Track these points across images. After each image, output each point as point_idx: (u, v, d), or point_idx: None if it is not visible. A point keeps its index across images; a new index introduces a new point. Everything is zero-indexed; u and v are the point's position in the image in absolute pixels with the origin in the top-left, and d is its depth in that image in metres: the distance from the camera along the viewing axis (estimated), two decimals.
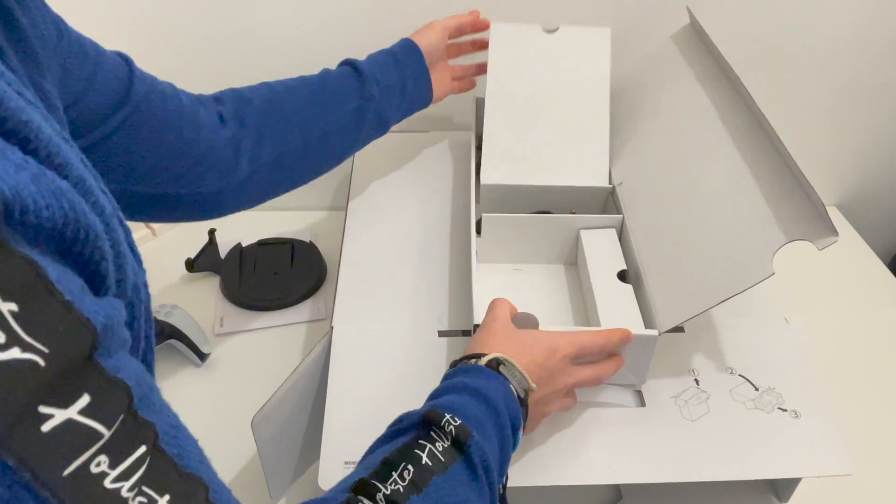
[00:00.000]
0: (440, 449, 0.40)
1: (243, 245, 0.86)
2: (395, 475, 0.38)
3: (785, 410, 0.56)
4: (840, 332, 0.79)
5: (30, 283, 0.21)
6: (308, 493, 0.60)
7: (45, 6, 0.42)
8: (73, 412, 0.22)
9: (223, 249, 0.84)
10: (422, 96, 0.73)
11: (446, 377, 0.49)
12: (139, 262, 0.31)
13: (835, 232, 0.48)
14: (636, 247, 0.64)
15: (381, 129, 0.71)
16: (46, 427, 0.21)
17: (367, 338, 0.61)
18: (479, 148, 0.79)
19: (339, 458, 0.53)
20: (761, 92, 0.60)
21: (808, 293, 0.83)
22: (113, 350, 0.24)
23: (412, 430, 0.42)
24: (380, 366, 0.59)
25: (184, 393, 0.71)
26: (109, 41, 0.54)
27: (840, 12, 0.81)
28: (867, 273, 0.88)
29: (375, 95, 0.68)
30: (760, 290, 0.51)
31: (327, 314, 0.79)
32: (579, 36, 0.75)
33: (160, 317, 0.73)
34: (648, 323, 0.58)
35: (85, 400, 0.22)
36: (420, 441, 0.40)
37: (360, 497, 0.36)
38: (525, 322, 0.55)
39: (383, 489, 0.37)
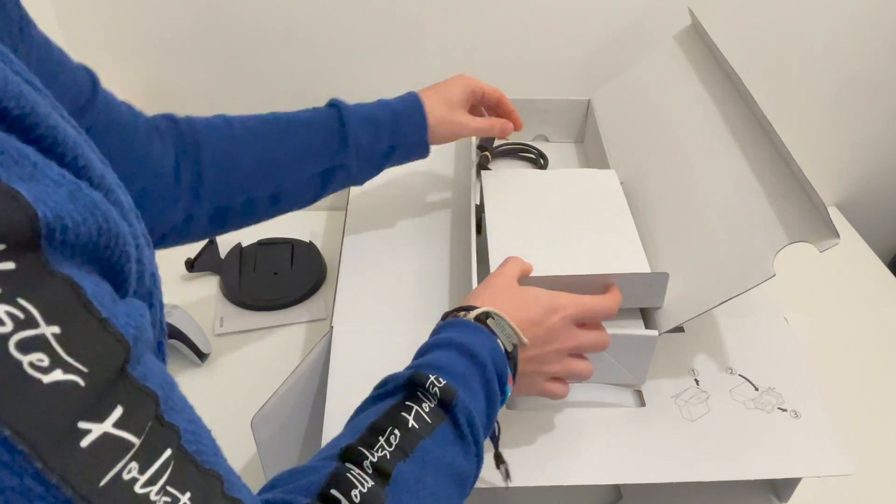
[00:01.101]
0: (426, 410, 0.40)
1: (243, 245, 0.86)
2: (381, 440, 0.38)
3: (785, 410, 0.56)
4: (840, 333, 0.79)
5: (71, 304, 0.22)
6: None
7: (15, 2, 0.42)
8: (108, 425, 0.22)
9: (223, 249, 0.84)
10: (412, 156, 0.67)
11: (435, 331, 0.48)
12: (151, 248, 0.32)
13: (836, 234, 0.48)
14: None
15: (346, 184, 0.66)
16: (85, 443, 0.21)
17: (367, 338, 0.61)
18: (479, 147, 0.79)
19: None
20: (762, 92, 0.60)
21: (809, 293, 0.83)
22: (141, 356, 0.25)
23: (398, 392, 0.42)
24: (380, 366, 0.59)
25: (184, 393, 0.71)
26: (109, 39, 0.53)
27: (840, 12, 0.81)
28: (867, 273, 0.88)
29: (351, 164, 0.62)
30: (760, 290, 0.51)
31: (327, 314, 0.79)
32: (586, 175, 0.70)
33: None
34: (649, 323, 0.58)
35: (118, 412, 0.22)
36: (407, 403, 0.41)
37: (348, 465, 0.36)
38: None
39: (370, 456, 0.37)
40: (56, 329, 0.21)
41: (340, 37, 0.81)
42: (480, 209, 0.68)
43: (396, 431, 0.39)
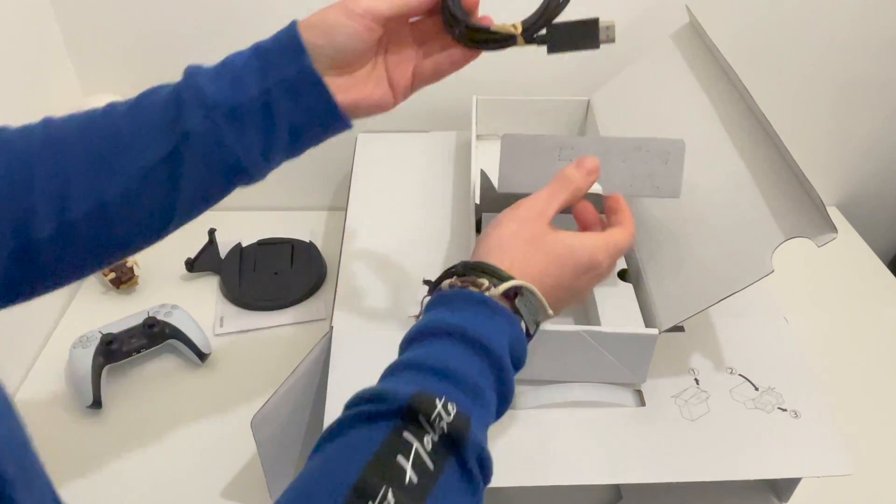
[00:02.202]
0: (429, 449, 0.33)
1: (243, 245, 0.86)
2: None
3: (785, 410, 0.56)
4: (840, 333, 0.79)
5: None
6: None
7: None
8: None
9: (223, 249, 0.84)
10: (317, 113, 0.46)
11: (443, 300, 0.40)
12: None
13: (834, 229, 0.48)
14: (636, 246, 0.64)
15: (242, 179, 0.46)
16: None
17: (367, 338, 0.61)
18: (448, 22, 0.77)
19: None
20: (761, 91, 0.60)
21: (808, 293, 0.83)
22: None
23: (395, 417, 0.34)
24: (380, 366, 0.59)
25: (184, 393, 0.71)
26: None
27: (840, 11, 0.81)
28: (867, 273, 0.88)
29: (199, 129, 0.43)
30: (761, 290, 0.51)
31: (327, 314, 0.79)
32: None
33: (160, 317, 0.73)
34: (648, 322, 0.58)
35: None
36: (405, 437, 0.33)
37: None
38: None
39: None
40: None
41: None
42: (480, 209, 0.68)
43: (391, 497, 0.31)
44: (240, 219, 0.93)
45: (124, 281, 0.80)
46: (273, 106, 0.44)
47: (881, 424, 0.69)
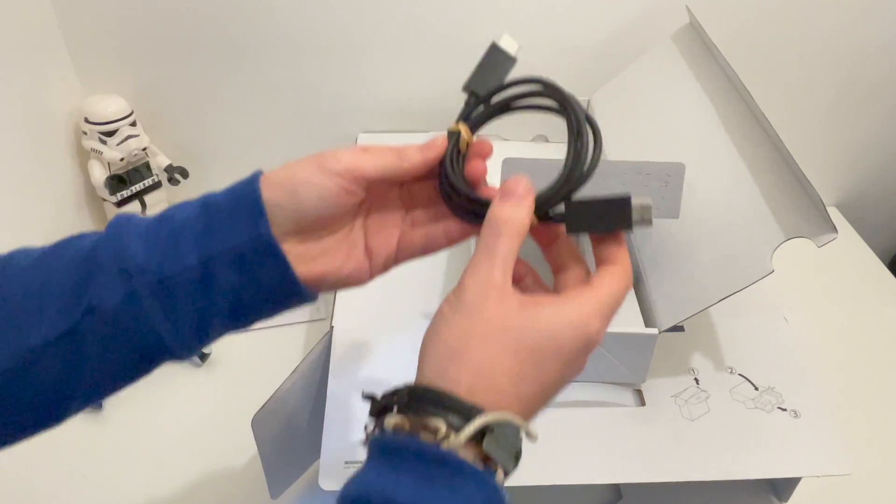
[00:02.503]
0: None
1: None
2: None
3: (785, 410, 0.56)
4: (840, 332, 0.79)
5: None
6: (308, 493, 0.60)
7: None
8: None
9: None
10: (270, 287, 0.37)
11: (383, 450, 0.31)
12: None
13: (834, 229, 0.48)
14: (636, 246, 0.64)
15: (167, 359, 0.37)
16: None
17: (367, 338, 0.61)
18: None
19: (339, 458, 0.53)
20: (761, 91, 0.60)
21: (808, 293, 0.83)
22: None
23: None
24: (380, 366, 0.59)
25: (184, 393, 0.71)
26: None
27: (840, 12, 0.81)
28: (867, 273, 0.88)
29: (110, 303, 0.34)
30: (760, 289, 0.51)
31: (327, 314, 0.79)
32: None
33: None
34: (648, 322, 0.58)
35: None
36: None
37: None
38: None
39: None
40: None
41: (339, 36, 0.81)
42: None
43: None
44: None
45: None
46: (214, 278, 0.35)
47: (881, 424, 0.69)
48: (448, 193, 0.40)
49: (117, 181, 0.81)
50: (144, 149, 0.83)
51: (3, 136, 0.70)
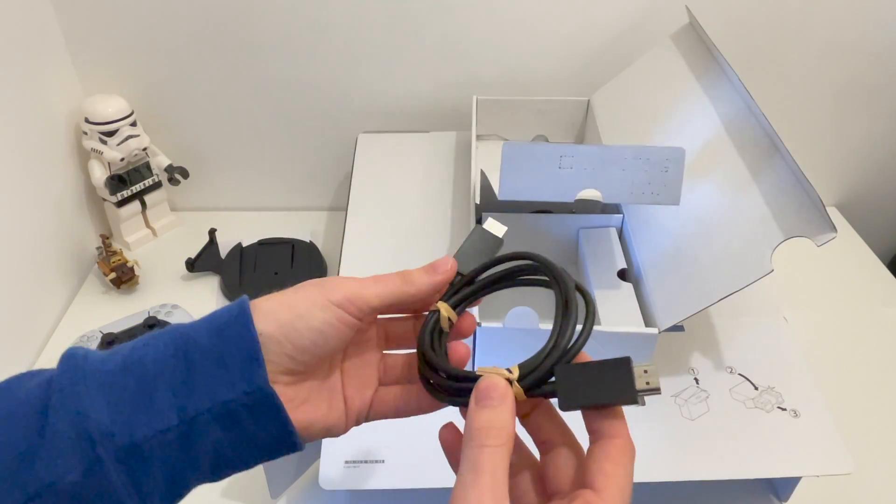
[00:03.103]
0: None
1: (244, 245, 0.86)
2: None
3: (784, 410, 0.56)
4: (840, 332, 0.79)
5: None
6: (308, 493, 0.60)
7: None
8: None
9: (223, 249, 0.84)
10: (262, 443, 0.32)
11: None
12: None
13: (833, 228, 0.48)
14: (636, 246, 0.64)
15: None
16: None
17: None
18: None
19: (339, 458, 0.53)
20: (761, 91, 0.60)
21: (808, 293, 0.83)
22: None
23: None
24: None
25: None
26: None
27: (840, 12, 0.81)
28: (867, 273, 0.88)
29: (69, 479, 0.28)
30: (760, 289, 0.51)
31: None
32: None
33: (161, 316, 0.73)
34: (648, 321, 0.58)
35: None
36: None
37: None
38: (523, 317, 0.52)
39: None
40: None
41: (339, 36, 0.81)
42: (480, 209, 0.68)
43: None
44: (240, 219, 0.93)
45: (125, 280, 0.80)
46: (197, 438, 0.30)
47: (881, 424, 0.69)
48: (424, 374, 0.35)
49: (117, 181, 0.81)
50: (145, 149, 0.83)
51: (3, 136, 0.70)
